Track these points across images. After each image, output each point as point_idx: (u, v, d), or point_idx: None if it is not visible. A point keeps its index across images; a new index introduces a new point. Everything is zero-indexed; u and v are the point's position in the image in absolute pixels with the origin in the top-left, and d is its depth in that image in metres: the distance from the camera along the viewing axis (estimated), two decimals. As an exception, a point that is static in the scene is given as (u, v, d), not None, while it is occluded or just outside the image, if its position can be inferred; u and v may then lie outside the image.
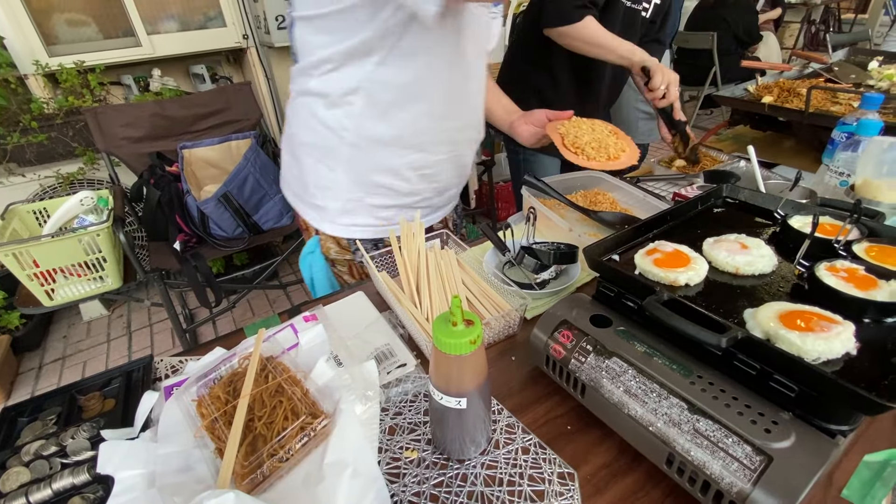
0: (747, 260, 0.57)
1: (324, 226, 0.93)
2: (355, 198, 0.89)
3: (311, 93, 0.82)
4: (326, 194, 0.90)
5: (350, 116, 0.80)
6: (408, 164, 0.86)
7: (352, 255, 0.95)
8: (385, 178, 0.87)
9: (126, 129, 1.81)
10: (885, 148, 0.79)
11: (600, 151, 0.82)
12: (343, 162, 0.85)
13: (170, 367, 0.70)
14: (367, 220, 0.92)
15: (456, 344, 0.44)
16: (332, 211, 0.91)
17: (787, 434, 0.40)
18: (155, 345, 2.18)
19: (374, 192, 0.88)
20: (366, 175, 0.86)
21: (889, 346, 0.45)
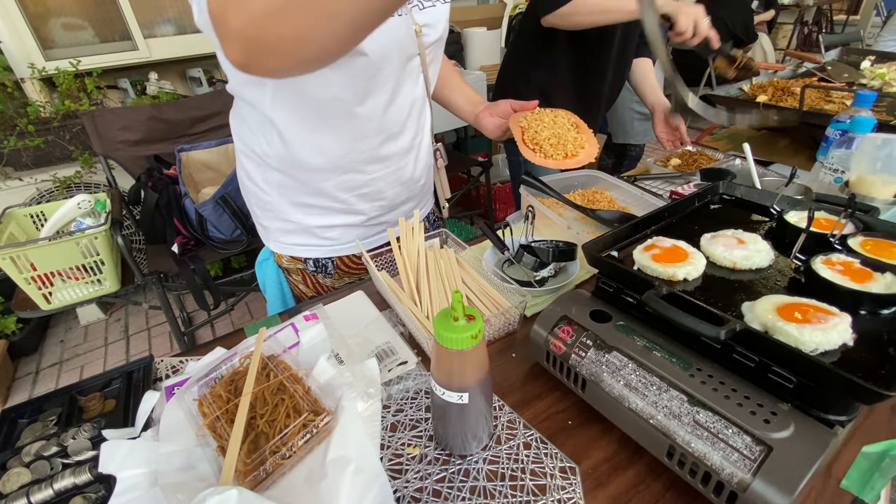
0: (744, 255, 0.57)
1: (270, 244, 0.93)
2: (295, 220, 0.86)
3: (237, 116, 0.81)
4: (267, 215, 0.88)
5: (270, 144, 0.78)
6: (339, 186, 0.83)
7: (303, 265, 0.92)
8: (320, 201, 0.84)
9: (123, 133, 1.81)
10: (878, 144, 0.80)
11: (558, 148, 0.80)
12: (275, 186, 0.83)
13: (170, 367, 0.70)
14: (312, 240, 0.89)
15: (458, 339, 0.44)
16: (274, 231, 0.90)
17: (786, 424, 0.41)
18: (153, 348, 2.17)
19: (312, 213, 0.86)
20: (300, 198, 0.84)
21: (885, 336, 0.45)
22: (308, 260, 0.91)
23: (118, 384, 0.67)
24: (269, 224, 0.89)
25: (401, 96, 0.79)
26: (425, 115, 0.89)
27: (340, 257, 0.92)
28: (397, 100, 0.79)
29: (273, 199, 0.85)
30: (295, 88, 0.71)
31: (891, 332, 0.46)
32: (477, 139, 3.03)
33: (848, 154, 0.88)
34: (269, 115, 0.74)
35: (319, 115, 0.74)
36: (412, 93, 0.81)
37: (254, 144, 0.80)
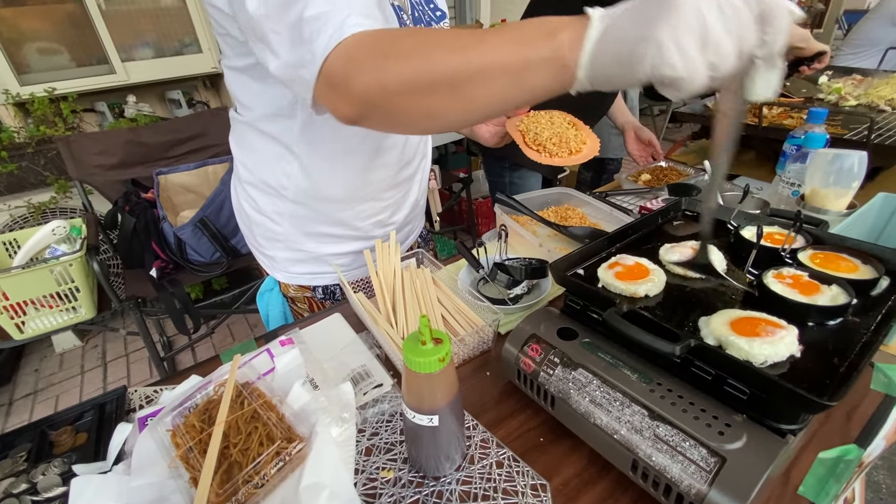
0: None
1: (276, 274, 0.91)
2: (307, 249, 0.86)
3: (246, 146, 0.80)
4: (275, 245, 0.87)
5: (288, 176, 0.77)
6: (357, 215, 0.84)
7: (311, 293, 0.93)
8: (335, 230, 0.84)
9: (99, 157, 1.80)
10: (829, 160, 0.84)
11: (561, 146, 0.80)
12: (287, 217, 0.82)
13: (144, 397, 0.69)
14: (322, 268, 0.89)
15: (425, 362, 0.46)
16: (282, 261, 0.89)
17: (739, 435, 0.43)
18: (132, 375, 2.12)
19: (325, 242, 0.85)
20: (314, 227, 0.83)
21: (830, 347, 0.48)
22: (317, 288, 0.91)
23: (90, 416, 0.66)
24: (277, 254, 0.88)
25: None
26: (428, 138, 0.92)
27: (353, 282, 0.92)
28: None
29: (284, 230, 0.84)
30: (328, 125, 0.71)
31: (836, 343, 0.49)
32: (457, 155, 3.08)
33: (803, 168, 0.93)
34: (292, 148, 0.74)
35: (347, 150, 0.75)
36: None
37: (266, 176, 0.79)
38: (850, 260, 0.59)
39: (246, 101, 0.73)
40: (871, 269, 0.57)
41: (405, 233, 0.97)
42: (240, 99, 0.74)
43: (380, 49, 0.44)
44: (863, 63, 2.53)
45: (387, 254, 0.83)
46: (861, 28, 2.67)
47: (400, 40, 0.45)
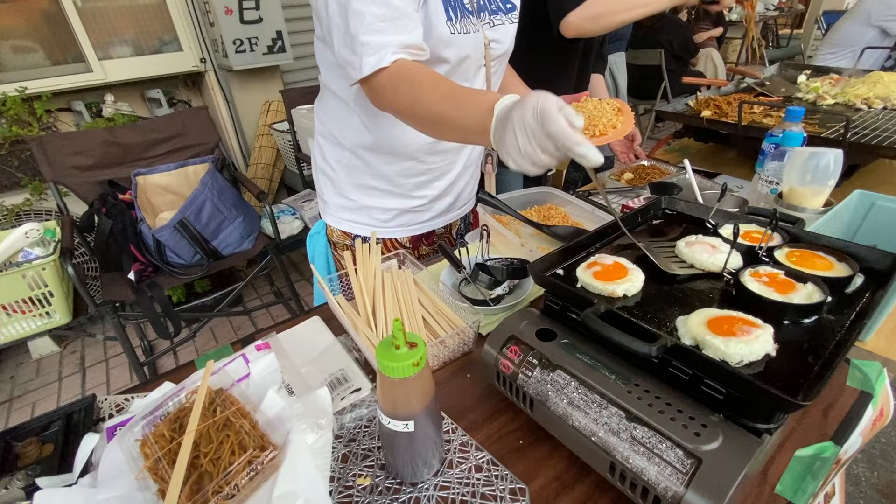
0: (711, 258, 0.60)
1: (326, 217, 1.04)
2: (354, 198, 0.97)
3: (321, 101, 0.94)
4: (329, 191, 1.00)
5: (346, 127, 0.90)
6: (400, 172, 0.93)
7: (351, 241, 1.01)
8: (380, 184, 0.95)
9: (75, 158, 1.75)
10: (805, 158, 0.85)
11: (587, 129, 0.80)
12: (343, 165, 0.95)
13: (114, 405, 0.67)
14: (365, 219, 0.99)
15: (399, 367, 0.45)
16: (333, 206, 1.01)
17: (715, 436, 0.42)
18: (111, 380, 2.08)
19: (370, 195, 0.96)
20: (362, 179, 0.95)
21: (805, 345, 0.48)
22: (357, 237, 0.98)
23: (57, 427, 0.64)
24: (330, 199, 1.01)
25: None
26: None
27: (386, 239, 1.02)
28: None
29: (339, 177, 0.97)
30: None
31: (811, 341, 0.49)
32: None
33: (781, 166, 0.93)
34: (349, 103, 0.87)
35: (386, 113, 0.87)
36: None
37: (332, 126, 0.93)
38: (825, 258, 0.60)
39: (321, 64, 0.87)
40: (845, 267, 0.57)
41: (451, 202, 1.05)
42: (319, 63, 0.88)
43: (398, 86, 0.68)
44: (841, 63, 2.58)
45: (367, 255, 0.82)
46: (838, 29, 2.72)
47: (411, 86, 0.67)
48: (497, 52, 0.89)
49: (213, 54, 2.63)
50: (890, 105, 1.35)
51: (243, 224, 1.81)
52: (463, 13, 0.79)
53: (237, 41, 2.44)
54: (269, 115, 2.78)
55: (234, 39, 2.43)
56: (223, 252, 1.80)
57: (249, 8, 2.41)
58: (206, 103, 2.83)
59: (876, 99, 1.37)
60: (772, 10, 5.63)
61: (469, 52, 0.82)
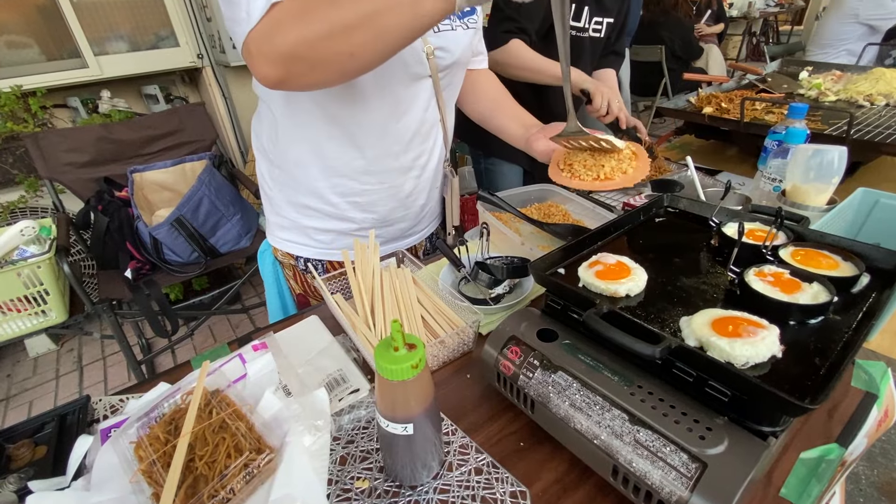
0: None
1: (268, 236, 0.99)
2: (290, 217, 0.91)
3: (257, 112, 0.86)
4: (268, 208, 0.95)
5: (271, 139, 0.84)
6: (331, 189, 0.85)
7: (295, 262, 0.97)
8: (312, 201, 0.87)
9: (70, 155, 1.73)
10: (809, 155, 0.84)
11: (591, 170, 0.76)
12: (276, 181, 0.89)
13: (109, 406, 0.66)
14: (304, 239, 0.93)
15: (398, 369, 0.44)
16: (272, 225, 0.96)
17: (720, 439, 0.42)
18: (109, 379, 2.07)
19: (305, 213, 0.89)
20: (294, 196, 0.88)
21: (812, 347, 0.47)
22: (299, 258, 0.95)
23: (51, 428, 0.63)
24: (270, 218, 0.95)
25: (407, 116, 0.80)
26: (434, 138, 0.89)
27: (331, 261, 0.95)
28: (403, 118, 0.80)
29: (274, 195, 0.91)
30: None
31: (817, 342, 0.48)
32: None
33: (784, 164, 0.92)
34: (270, 106, 0.80)
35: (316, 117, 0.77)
36: (420, 115, 0.82)
37: (263, 138, 0.86)
38: (830, 257, 0.59)
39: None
40: (851, 266, 0.57)
41: (398, 228, 0.95)
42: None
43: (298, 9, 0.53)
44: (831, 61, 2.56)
45: (365, 253, 0.81)
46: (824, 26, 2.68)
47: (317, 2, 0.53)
48: (445, 62, 0.79)
49: (210, 50, 2.61)
50: (893, 102, 1.34)
51: (241, 221, 1.80)
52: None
53: (234, 37, 2.41)
54: (267, 112, 2.76)
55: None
56: (221, 250, 1.78)
57: (247, 3, 2.38)
58: (203, 99, 2.81)
59: (878, 96, 1.36)
60: (772, 6, 5.60)
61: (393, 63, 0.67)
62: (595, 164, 0.77)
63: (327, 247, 0.93)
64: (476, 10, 0.82)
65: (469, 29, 0.81)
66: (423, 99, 0.82)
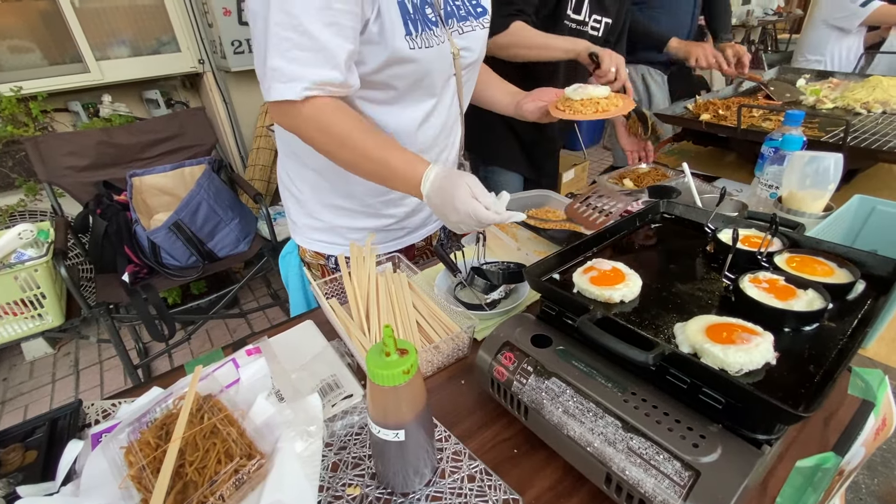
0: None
1: (296, 237, 0.98)
2: (324, 218, 0.92)
3: None
4: (297, 211, 0.94)
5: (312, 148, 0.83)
6: (367, 191, 0.88)
7: (325, 261, 0.98)
8: (349, 203, 0.90)
9: (70, 158, 1.74)
10: (806, 161, 0.84)
11: (588, 106, 0.87)
12: (309, 185, 0.90)
13: (101, 411, 0.66)
14: (336, 239, 0.94)
15: (390, 375, 0.43)
16: (302, 226, 0.95)
17: (714, 447, 0.41)
18: (105, 383, 2.06)
19: (340, 213, 0.91)
20: (330, 199, 0.89)
21: (806, 354, 0.47)
22: (330, 257, 0.96)
23: (42, 433, 0.62)
24: (299, 220, 0.95)
25: (434, 115, 0.85)
26: (455, 133, 0.94)
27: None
28: (431, 118, 0.85)
29: (306, 197, 0.91)
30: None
31: (812, 349, 0.47)
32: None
33: (781, 170, 0.92)
34: None
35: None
36: (445, 112, 0.87)
37: (294, 145, 0.85)
38: (826, 263, 0.59)
39: None
40: (846, 273, 0.56)
41: (422, 217, 1.00)
42: None
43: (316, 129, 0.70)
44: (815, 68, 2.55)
45: (361, 258, 0.81)
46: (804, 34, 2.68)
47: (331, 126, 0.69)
48: (468, 61, 0.84)
49: (211, 55, 2.62)
50: (889, 109, 1.35)
51: (239, 226, 1.80)
52: (425, 26, 0.73)
53: (235, 42, 2.43)
54: (267, 117, 2.77)
55: (232, 41, 2.42)
56: (219, 254, 1.78)
57: (248, 9, 2.40)
58: (204, 104, 2.82)
59: (875, 103, 1.36)
60: (770, 15, 5.64)
61: (432, 67, 0.77)
62: (591, 101, 0.87)
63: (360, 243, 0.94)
64: (487, 11, 0.85)
65: (485, 28, 0.86)
66: (448, 97, 0.86)
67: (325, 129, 0.69)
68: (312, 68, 0.64)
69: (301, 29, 0.62)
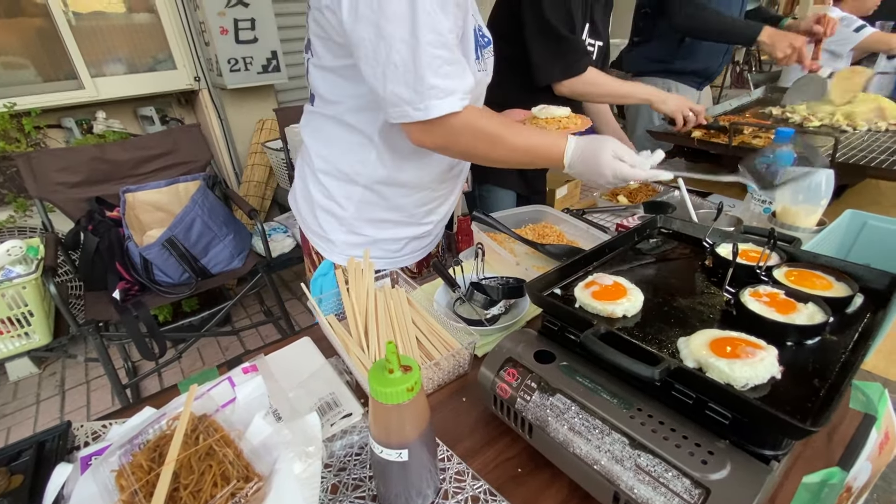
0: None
1: (333, 257, 0.97)
2: (367, 233, 0.95)
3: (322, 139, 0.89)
4: (337, 229, 0.95)
5: (364, 163, 0.87)
6: (415, 203, 0.93)
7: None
8: (394, 215, 0.94)
9: (62, 175, 1.72)
10: (798, 178, 0.85)
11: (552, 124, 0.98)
12: (355, 202, 0.91)
13: (91, 433, 0.64)
14: (376, 252, 0.96)
15: (393, 392, 0.42)
16: (342, 244, 0.96)
17: (723, 464, 0.41)
18: (92, 403, 2.00)
19: (383, 227, 0.95)
20: (376, 213, 0.93)
21: (810, 368, 0.47)
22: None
23: (28, 456, 0.60)
24: (338, 237, 0.96)
25: None
26: None
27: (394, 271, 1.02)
28: None
29: (349, 214, 0.92)
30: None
31: (815, 363, 0.47)
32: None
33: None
34: (373, 138, 0.84)
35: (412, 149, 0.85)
36: None
37: (343, 163, 0.88)
38: (824, 277, 0.59)
39: (332, 97, 0.83)
40: (845, 287, 0.57)
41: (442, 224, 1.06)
42: (325, 94, 0.84)
43: (474, 134, 0.75)
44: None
45: (359, 273, 0.80)
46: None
47: (487, 137, 0.75)
48: (486, 81, 0.90)
49: (207, 73, 2.64)
50: (874, 126, 1.38)
51: (234, 242, 1.79)
52: (482, 51, 0.81)
53: (232, 60, 2.45)
54: (262, 133, 2.78)
55: (228, 59, 2.44)
56: (212, 270, 1.76)
57: (245, 28, 2.43)
58: (199, 121, 2.83)
59: (861, 121, 1.39)
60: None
61: (481, 90, 0.86)
62: (554, 120, 0.98)
63: (396, 254, 0.99)
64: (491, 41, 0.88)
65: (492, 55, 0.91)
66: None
67: (479, 133, 0.74)
68: (460, 79, 0.70)
69: (448, 45, 0.68)
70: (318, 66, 0.81)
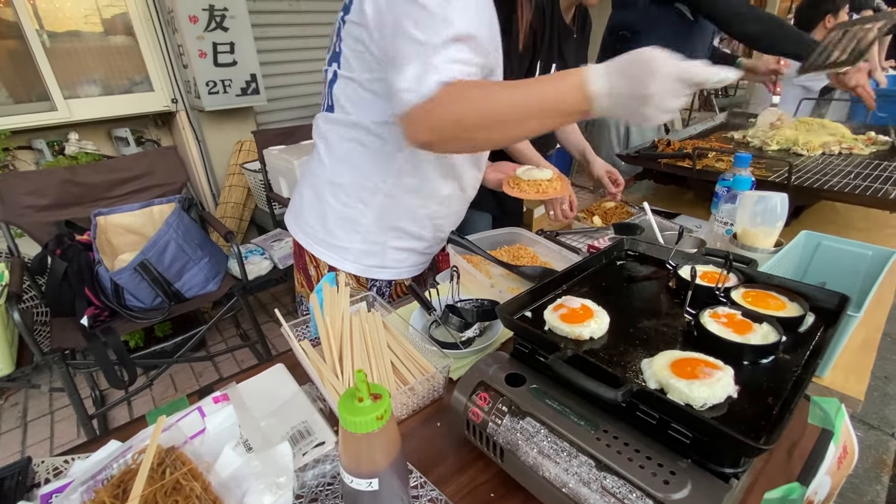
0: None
1: (345, 265, 0.98)
2: (380, 241, 0.96)
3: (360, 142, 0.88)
4: (353, 237, 0.95)
5: (389, 172, 0.88)
6: (428, 214, 0.96)
7: (367, 291, 0.98)
8: (407, 224, 0.96)
9: (30, 198, 1.68)
10: (755, 201, 0.90)
11: (532, 186, 1.01)
12: (376, 208, 0.92)
13: (52, 469, 0.61)
14: (386, 262, 0.99)
15: (362, 422, 0.43)
16: (355, 252, 0.97)
17: (684, 483, 0.42)
18: (56, 436, 1.91)
19: (395, 236, 0.97)
20: (392, 221, 0.94)
21: (765, 386, 0.49)
22: (374, 284, 1.01)
23: (-16, 496, 0.57)
24: (352, 245, 0.96)
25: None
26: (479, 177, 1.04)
27: (398, 282, 1.05)
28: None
29: (368, 221, 0.94)
30: None
31: (769, 381, 0.50)
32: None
33: (734, 209, 0.98)
34: (402, 147, 0.85)
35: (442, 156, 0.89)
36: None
37: (368, 170, 0.89)
38: (778, 297, 0.62)
39: (362, 108, 0.84)
40: (797, 307, 0.60)
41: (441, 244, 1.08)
42: (354, 106, 0.85)
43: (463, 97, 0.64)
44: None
45: (335, 298, 0.81)
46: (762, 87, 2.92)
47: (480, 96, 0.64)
48: None
49: (185, 95, 2.63)
50: (827, 150, 1.47)
51: (209, 265, 1.76)
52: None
53: (210, 83, 2.46)
54: (241, 155, 2.77)
55: (207, 81, 2.44)
56: (186, 294, 1.73)
57: (224, 52, 2.45)
58: (176, 143, 2.80)
59: (817, 146, 1.48)
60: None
61: None
62: (535, 183, 1.02)
63: (401, 265, 1.01)
64: None
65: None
66: None
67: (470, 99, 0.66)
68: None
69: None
70: (351, 77, 0.82)
